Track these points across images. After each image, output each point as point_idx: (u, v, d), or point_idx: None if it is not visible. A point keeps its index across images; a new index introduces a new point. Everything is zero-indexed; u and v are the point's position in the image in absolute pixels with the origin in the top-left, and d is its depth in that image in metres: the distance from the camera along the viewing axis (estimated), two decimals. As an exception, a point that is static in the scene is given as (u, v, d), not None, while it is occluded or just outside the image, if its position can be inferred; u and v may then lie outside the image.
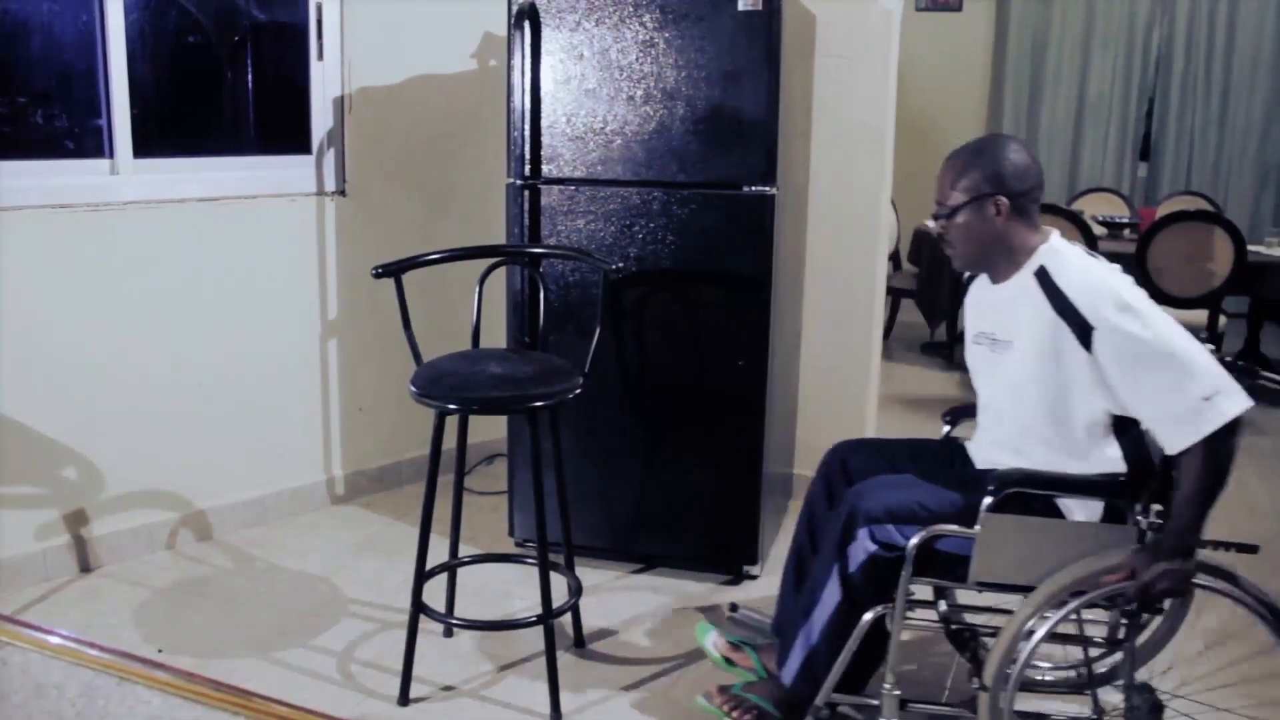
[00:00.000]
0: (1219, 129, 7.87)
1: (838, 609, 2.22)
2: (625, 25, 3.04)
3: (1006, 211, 2.16)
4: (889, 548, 2.16)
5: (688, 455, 3.20)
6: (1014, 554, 2.09)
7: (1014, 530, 2.08)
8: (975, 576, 2.11)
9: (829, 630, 2.24)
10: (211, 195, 3.38)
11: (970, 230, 2.19)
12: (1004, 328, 2.23)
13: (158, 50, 3.48)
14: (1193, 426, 1.93)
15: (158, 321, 3.30)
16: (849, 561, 2.20)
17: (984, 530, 2.07)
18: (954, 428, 2.59)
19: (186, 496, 3.43)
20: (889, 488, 2.25)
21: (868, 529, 2.18)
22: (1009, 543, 2.08)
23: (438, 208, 3.95)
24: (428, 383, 2.50)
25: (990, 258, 2.23)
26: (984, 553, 2.08)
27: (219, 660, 2.74)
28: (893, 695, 2.21)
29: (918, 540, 2.11)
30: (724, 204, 3.07)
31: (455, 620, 2.75)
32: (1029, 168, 2.18)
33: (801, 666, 2.29)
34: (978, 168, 2.17)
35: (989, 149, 2.20)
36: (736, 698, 2.41)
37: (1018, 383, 2.18)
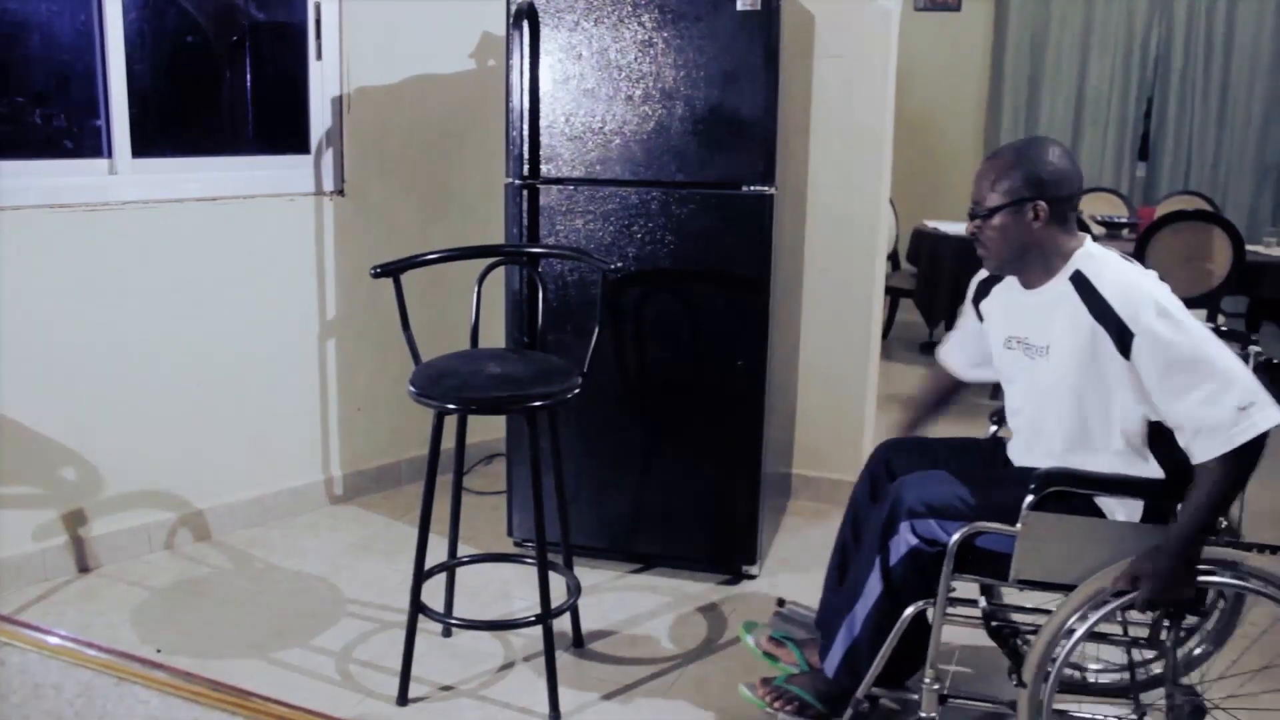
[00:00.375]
0: (1217, 129, 7.87)
1: (879, 602, 2.24)
2: (624, 25, 3.04)
3: (1045, 217, 2.14)
4: (930, 543, 2.17)
5: (686, 455, 3.20)
6: (1055, 553, 2.09)
7: (1055, 529, 2.08)
8: (1016, 574, 2.12)
9: (871, 623, 2.25)
10: (210, 195, 3.38)
11: (1006, 233, 2.18)
12: (1039, 333, 2.22)
13: (156, 50, 3.48)
14: (1225, 436, 1.94)
15: (156, 321, 3.29)
16: (890, 555, 2.21)
17: (1025, 528, 2.08)
18: (1000, 427, 2.58)
19: (185, 496, 3.43)
20: (932, 483, 2.25)
21: (909, 523, 2.19)
22: (1050, 541, 2.09)
23: (436, 208, 3.95)
24: (427, 383, 2.50)
25: (1024, 262, 2.21)
26: (1025, 551, 2.09)
27: (217, 660, 2.74)
28: (933, 689, 2.21)
29: (959, 536, 2.11)
30: (723, 204, 3.07)
31: (454, 620, 2.75)
32: (1070, 173, 2.17)
33: (844, 658, 2.31)
34: (1018, 170, 2.15)
35: (1031, 152, 2.17)
36: (779, 689, 2.43)
37: (1054, 388, 2.18)
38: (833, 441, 3.91)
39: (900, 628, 2.20)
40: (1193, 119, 7.89)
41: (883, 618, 2.23)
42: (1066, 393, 2.15)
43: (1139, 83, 7.96)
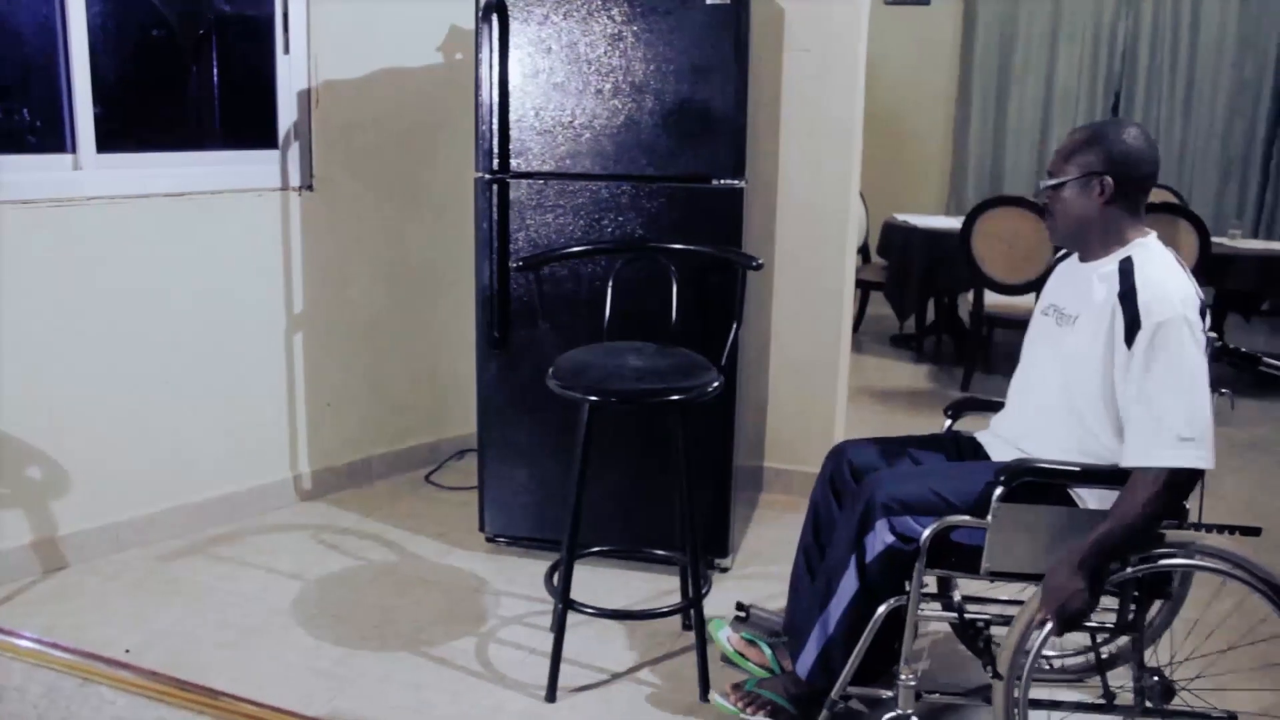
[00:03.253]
0: (1184, 123, 7.94)
1: (854, 600, 2.25)
2: (593, 19, 3.04)
3: (1110, 193, 2.17)
4: (906, 539, 2.20)
5: (657, 449, 3.20)
6: (1025, 543, 2.12)
7: (1026, 519, 2.12)
8: (987, 566, 2.14)
9: (845, 621, 2.26)
10: (176, 190, 3.35)
11: (1071, 206, 2.21)
12: (1074, 303, 2.25)
13: (120, 43, 3.44)
14: (1155, 451, 2.00)
15: (122, 318, 3.26)
16: (866, 552, 2.23)
17: (995, 520, 2.10)
18: (955, 421, 2.61)
19: (153, 494, 3.40)
20: (906, 479, 2.28)
21: (886, 520, 2.21)
22: (1021, 532, 2.12)
23: (405, 202, 3.93)
24: (569, 375, 2.51)
25: (1086, 236, 2.24)
26: (995, 543, 2.12)
27: (188, 659, 2.72)
28: (908, 686, 2.23)
29: (931, 531, 2.14)
30: (693, 197, 3.07)
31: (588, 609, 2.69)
32: (1144, 156, 2.18)
33: (818, 659, 2.32)
34: (1094, 146, 2.18)
35: (1109, 129, 2.20)
36: (751, 694, 2.43)
37: (1071, 358, 2.21)
38: (804, 434, 3.92)
39: (875, 625, 2.21)
40: (1159, 113, 7.96)
41: (858, 616, 2.24)
42: (1077, 365, 2.18)
43: (1106, 76, 8.02)
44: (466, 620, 2.98)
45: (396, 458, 4.07)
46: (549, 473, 3.28)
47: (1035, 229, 5.24)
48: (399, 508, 3.76)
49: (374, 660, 2.75)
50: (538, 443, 3.28)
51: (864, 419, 4.91)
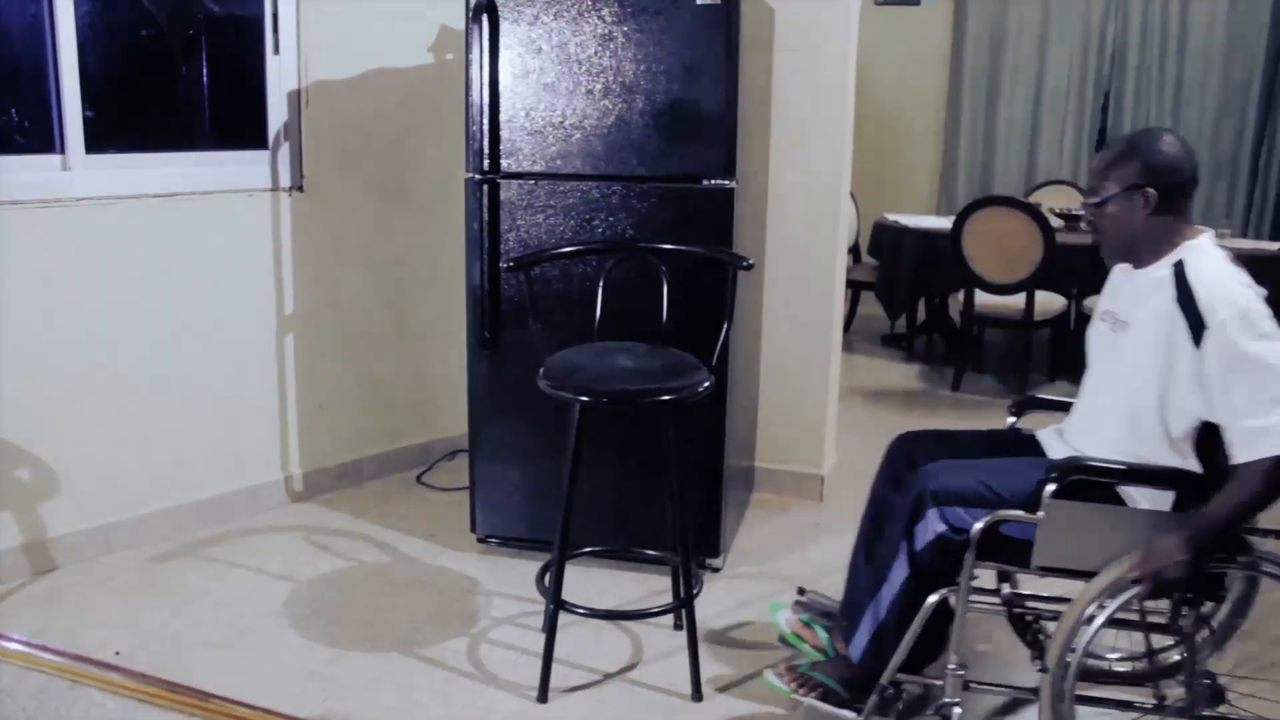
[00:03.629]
0: (1173, 123, 7.95)
1: (905, 587, 2.28)
2: (584, 19, 3.04)
3: (1155, 204, 2.17)
4: (957, 530, 2.22)
5: (648, 449, 3.19)
6: (1075, 540, 2.14)
7: (1076, 516, 2.13)
8: (1037, 561, 2.16)
9: (896, 608, 2.30)
10: (166, 191, 3.34)
11: (1117, 221, 2.23)
12: (1128, 310, 2.27)
13: (109, 44, 3.43)
14: (1265, 444, 1.99)
15: (112, 319, 3.25)
16: (917, 541, 2.26)
17: (1046, 515, 2.12)
18: (1019, 418, 2.63)
19: (143, 496, 3.39)
20: (959, 470, 2.30)
21: (937, 510, 2.24)
22: (1071, 529, 2.13)
23: (396, 202, 3.93)
24: (560, 375, 2.52)
25: (1136, 248, 2.25)
26: (1046, 538, 2.14)
27: (178, 661, 2.71)
28: (956, 675, 2.25)
29: (983, 524, 2.16)
30: (683, 197, 3.07)
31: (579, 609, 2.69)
32: (1182, 162, 2.19)
33: (869, 643, 2.35)
34: (1132, 159, 2.19)
35: (1144, 141, 2.21)
36: (804, 676, 2.47)
37: (1127, 365, 2.23)
38: (795, 434, 3.92)
39: (925, 614, 2.24)
40: (1148, 114, 7.98)
41: (908, 604, 2.27)
42: (1133, 372, 2.20)
43: (1096, 76, 8.04)
44: (458, 621, 2.98)
45: (388, 459, 4.06)
46: (540, 473, 3.28)
47: (1025, 229, 5.26)
48: (390, 509, 3.76)
49: (366, 661, 2.75)
50: (529, 443, 3.28)
51: (855, 419, 4.91)
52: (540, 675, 2.59)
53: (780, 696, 2.52)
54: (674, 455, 2.62)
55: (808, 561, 3.41)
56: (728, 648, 2.86)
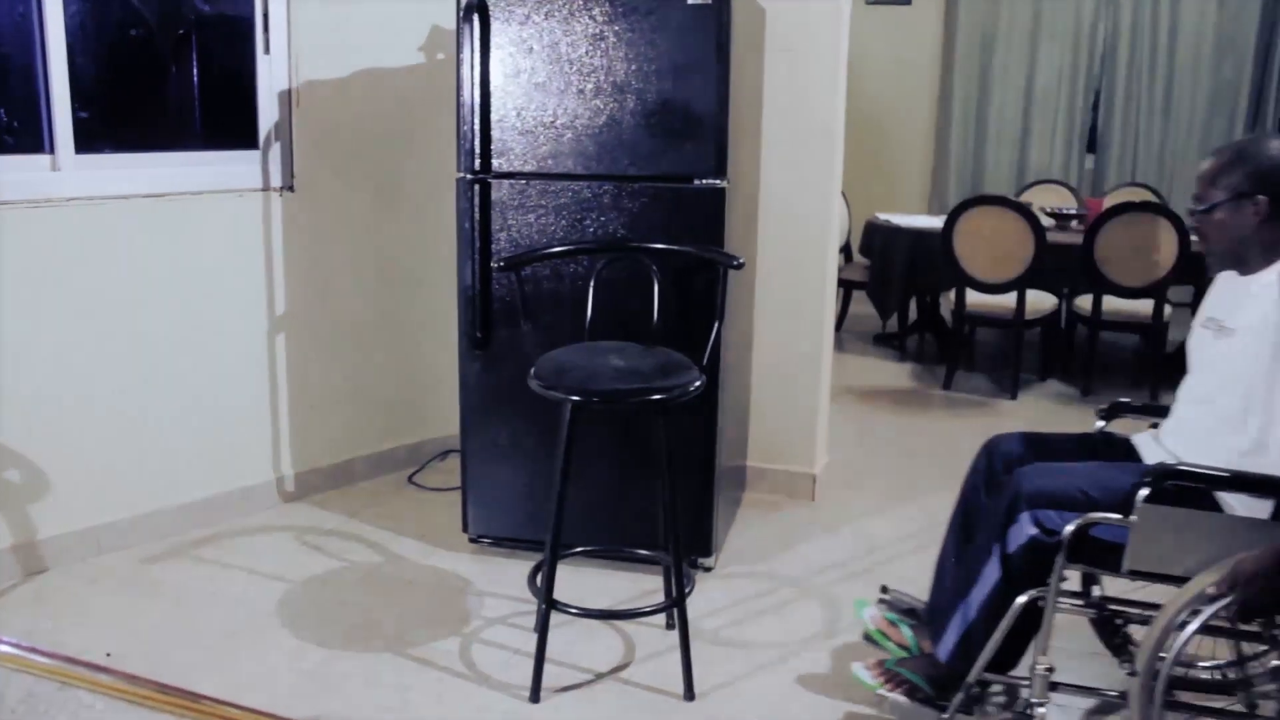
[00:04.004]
0: (1163, 121, 7.98)
1: (995, 588, 2.29)
2: (575, 19, 3.03)
3: (1265, 212, 2.15)
4: (1049, 532, 2.21)
5: (640, 448, 3.20)
6: (1169, 545, 2.12)
7: (1170, 521, 2.11)
8: (1128, 564, 2.14)
9: (986, 609, 2.30)
10: (156, 191, 3.33)
11: (1225, 228, 2.20)
12: (1233, 316, 2.24)
13: (99, 43, 3.42)
14: None
15: (102, 320, 3.24)
16: (1009, 543, 2.26)
17: (1139, 520, 2.10)
18: (1109, 423, 2.60)
19: (134, 497, 3.38)
20: (1053, 473, 2.30)
21: (1030, 513, 2.24)
22: (1164, 534, 2.11)
23: (387, 202, 3.92)
24: (551, 375, 2.52)
25: (1243, 255, 2.23)
26: (1138, 542, 2.12)
27: (169, 662, 2.71)
28: (1044, 676, 2.26)
29: (1074, 526, 2.16)
30: (675, 197, 3.07)
31: (572, 609, 2.70)
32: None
33: (958, 643, 2.36)
34: (1240, 166, 2.17)
35: (1253, 148, 2.19)
36: (891, 671, 2.49)
37: (1230, 372, 2.21)
38: (787, 434, 3.93)
39: (1013, 614, 2.24)
40: (1139, 112, 8.01)
41: (998, 604, 2.28)
42: (1236, 379, 2.18)
43: (1086, 76, 8.06)
44: (450, 621, 2.98)
45: (379, 459, 4.06)
46: (532, 473, 3.28)
47: (1016, 228, 5.27)
48: (382, 509, 3.75)
49: (357, 662, 2.75)
50: (521, 443, 3.28)
51: (847, 418, 4.92)
52: (532, 675, 2.59)
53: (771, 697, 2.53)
54: (666, 455, 2.62)
55: (800, 561, 3.41)
56: (720, 647, 2.86)
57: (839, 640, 2.92)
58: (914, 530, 3.67)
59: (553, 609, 2.59)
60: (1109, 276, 5.34)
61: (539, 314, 3.17)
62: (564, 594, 2.92)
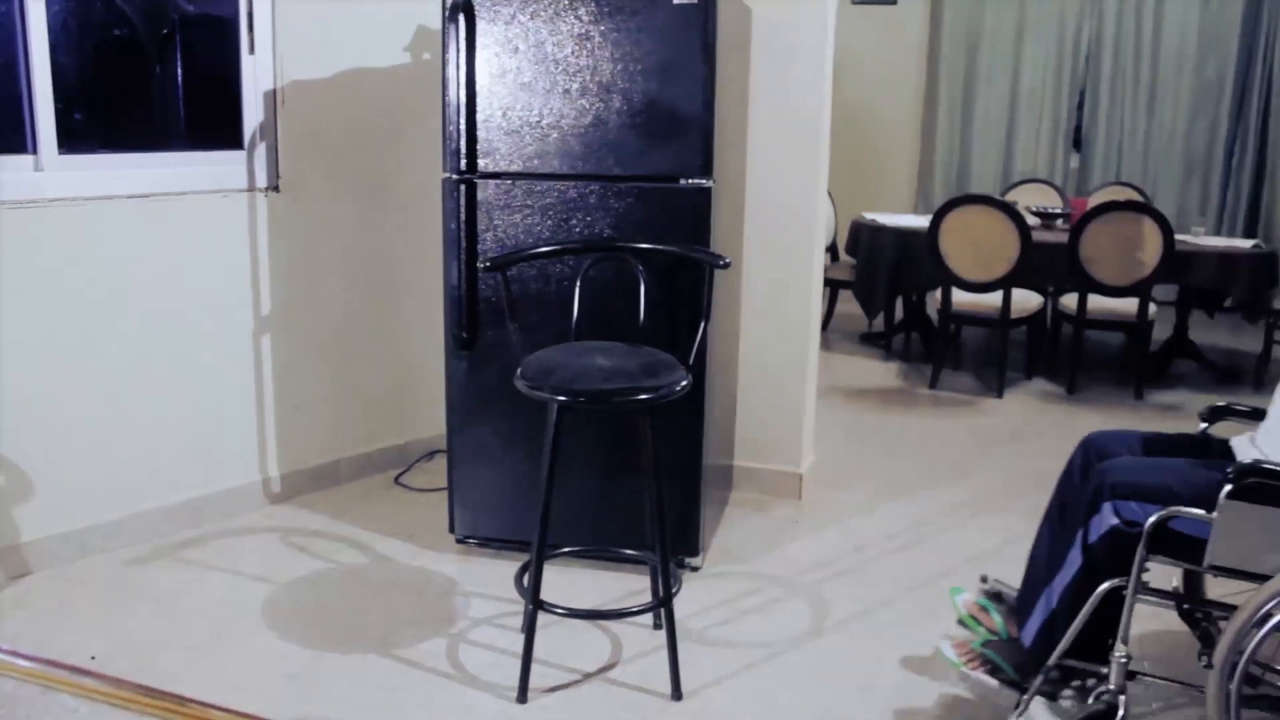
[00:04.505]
0: (1147, 121, 8.02)
1: (1077, 576, 2.35)
2: (560, 18, 3.03)
3: None
4: (1130, 523, 2.26)
5: (626, 448, 3.20)
6: (1250, 542, 2.14)
7: (1253, 519, 2.12)
8: (1209, 559, 2.17)
9: (1068, 595, 2.37)
10: (140, 192, 3.32)
11: None
12: None
13: (82, 43, 3.40)
14: None
15: (86, 321, 3.23)
16: (1091, 532, 2.33)
17: (1221, 515, 2.13)
18: (1211, 425, 2.61)
19: (119, 499, 3.37)
20: (1140, 468, 2.37)
21: (1112, 503, 2.30)
22: (1246, 531, 2.13)
23: (373, 202, 3.91)
24: (537, 375, 2.52)
25: None
26: (1220, 537, 2.15)
27: (154, 665, 2.70)
28: (1121, 663, 2.29)
29: (1156, 518, 2.19)
30: (661, 197, 3.07)
31: (559, 609, 2.69)
32: None
33: (1041, 628, 2.43)
34: None
35: None
36: (975, 651, 2.59)
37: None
38: (773, 433, 3.93)
39: (1094, 601, 2.28)
40: (1123, 111, 8.05)
41: (1079, 591, 2.33)
42: None
43: (1071, 75, 8.10)
44: (437, 622, 2.97)
45: (366, 460, 4.05)
46: (519, 473, 3.28)
47: (1001, 227, 5.29)
48: (368, 510, 3.75)
49: (344, 663, 2.74)
50: (507, 443, 3.28)
51: (834, 417, 4.93)
52: (520, 676, 2.59)
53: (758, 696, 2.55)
54: (652, 455, 2.62)
55: (787, 560, 3.42)
56: (707, 646, 2.86)
57: (826, 639, 2.92)
58: (900, 529, 3.68)
59: (539, 609, 2.58)
60: (1094, 275, 5.37)
61: (525, 314, 3.17)
62: (551, 594, 2.92)
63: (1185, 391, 5.72)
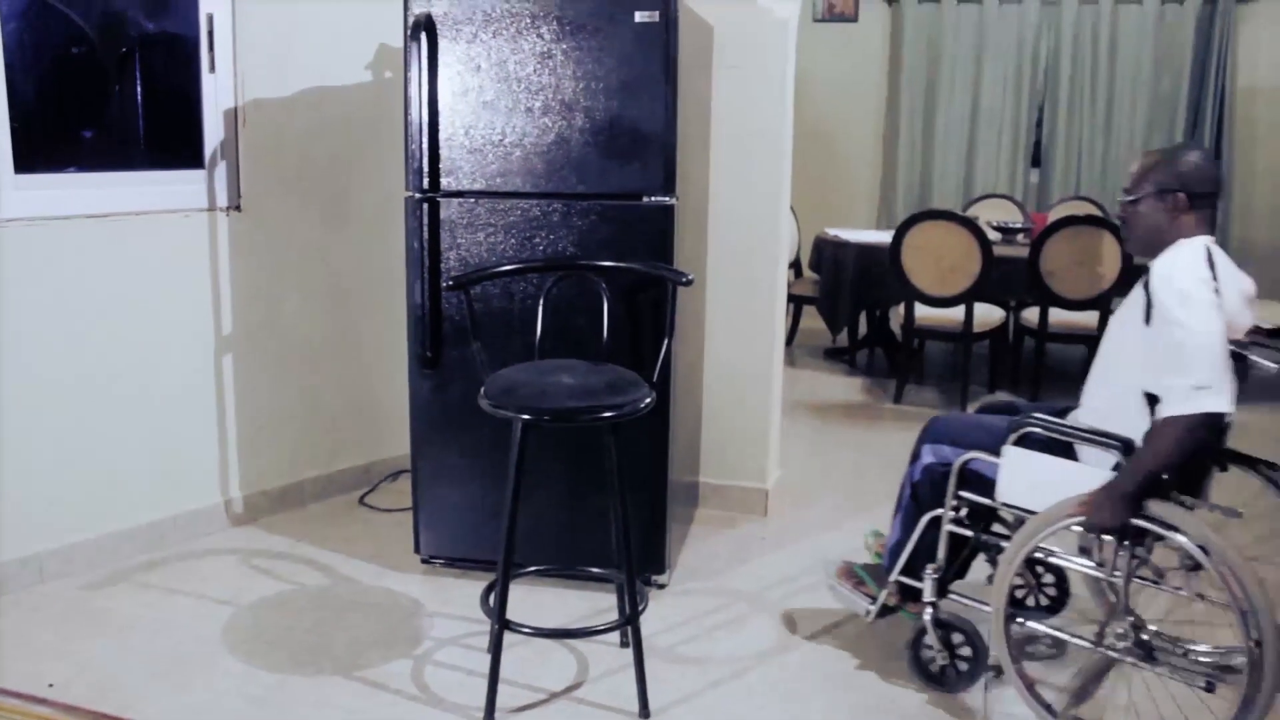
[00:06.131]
0: (1105, 136, 8.12)
1: (907, 508, 2.80)
2: (523, 37, 3.04)
3: (1182, 206, 2.45)
4: (944, 464, 2.70)
5: (591, 466, 3.19)
6: (1029, 483, 2.53)
7: (1028, 463, 2.53)
8: (998, 496, 2.58)
9: (902, 527, 2.81)
10: (100, 212, 3.29)
11: (1147, 219, 2.51)
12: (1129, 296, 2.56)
13: (39, 60, 3.37)
14: (1176, 405, 2.26)
15: (44, 342, 3.19)
16: (915, 472, 2.79)
17: (1005, 459, 2.55)
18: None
19: (78, 522, 3.32)
20: (956, 421, 2.91)
21: (930, 446, 2.78)
22: (1025, 473, 2.53)
23: (335, 221, 3.90)
24: (500, 393, 2.52)
25: (1156, 243, 2.51)
26: (1005, 478, 2.56)
27: (115, 692, 2.66)
28: (933, 577, 2.70)
29: (960, 460, 2.63)
30: (624, 214, 3.08)
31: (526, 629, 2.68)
32: (1209, 173, 2.48)
33: (888, 553, 2.85)
34: (1166, 166, 2.49)
35: (1177, 152, 2.51)
36: (848, 568, 2.99)
37: (1109, 343, 2.59)
38: (738, 449, 3.94)
39: (920, 527, 2.72)
40: (1081, 127, 8.14)
41: (909, 521, 2.78)
42: (1110, 349, 2.57)
43: (1030, 92, 8.18)
44: (402, 643, 2.95)
45: (329, 480, 4.02)
46: (484, 492, 3.27)
47: (963, 242, 5.33)
48: (333, 531, 3.72)
49: (309, 686, 2.71)
50: (471, 462, 3.26)
51: (799, 432, 4.95)
52: (486, 696, 2.57)
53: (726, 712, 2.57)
54: (617, 472, 2.62)
55: (754, 576, 3.42)
56: (674, 664, 2.86)
57: (794, 654, 2.93)
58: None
59: (506, 629, 2.57)
60: (1054, 289, 5.42)
61: (488, 333, 3.16)
62: (517, 614, 2.90)
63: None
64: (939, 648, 2.71)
